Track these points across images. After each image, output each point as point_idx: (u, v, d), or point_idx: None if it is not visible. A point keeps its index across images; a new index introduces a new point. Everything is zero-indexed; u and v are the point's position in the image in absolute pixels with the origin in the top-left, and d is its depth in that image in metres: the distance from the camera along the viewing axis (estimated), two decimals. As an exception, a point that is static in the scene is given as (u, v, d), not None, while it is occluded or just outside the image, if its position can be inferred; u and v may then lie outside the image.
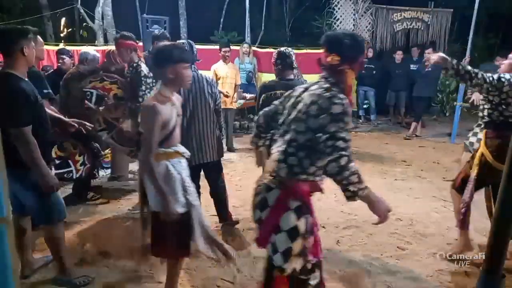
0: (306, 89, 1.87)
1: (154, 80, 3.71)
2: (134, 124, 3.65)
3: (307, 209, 1.83)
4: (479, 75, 2.77)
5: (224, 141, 5.57)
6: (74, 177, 3.76)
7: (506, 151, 2.76)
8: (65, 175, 3.72)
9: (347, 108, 1.68)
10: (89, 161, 3.86)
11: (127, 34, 3.74)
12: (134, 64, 3.65)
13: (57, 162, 3.64)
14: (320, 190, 1.89)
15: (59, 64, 4.71)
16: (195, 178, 3.43)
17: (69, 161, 3.74)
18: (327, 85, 1.77)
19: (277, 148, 1.87)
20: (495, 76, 2.80)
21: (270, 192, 1.84)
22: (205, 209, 3.46)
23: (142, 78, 3.59)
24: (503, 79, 2.77)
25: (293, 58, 3.26)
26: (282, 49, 3.32)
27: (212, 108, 3.23)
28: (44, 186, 2.35)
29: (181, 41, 3.39)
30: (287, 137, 1.82)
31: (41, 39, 2.98)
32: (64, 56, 4.51)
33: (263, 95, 3.28)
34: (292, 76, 3.29)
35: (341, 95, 1.71)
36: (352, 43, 1.77)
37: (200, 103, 3.14)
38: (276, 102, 2.11)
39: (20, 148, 2.25)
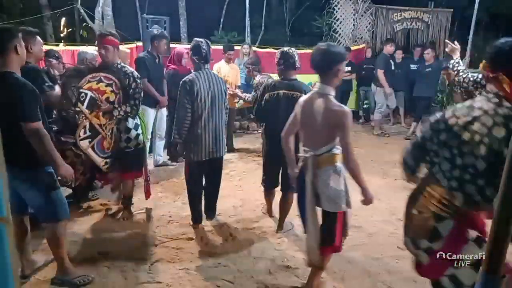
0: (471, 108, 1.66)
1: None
2: (124, 130, 3.49)
3: (485, 238, 1.67)
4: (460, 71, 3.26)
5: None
6: (73, 185, 3.58)
7: None
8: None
9: None
10: (88, 171, 3.83)
11: (114, 32, 3.58)
12: (119, 66, 3.42)
13: None
14: None
15: (45, 67, 4.65)
16: (206, 173, 3.50)
17: None
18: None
19: (440, 174, 1.68)
20: (470, 74, 3.20)
21: (441, 223, 1.66)
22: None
23: (137, 80, 3.44)
24: (469, 76, 3.17)
25: (296, 58, 3.26)
26: (285, 49, 3.33)
27: (224, 106, 3.39)
28: (61, 177, 2.42)
29: (199, 39, 3.32)
30: (459, 162, 1.62)
31: (40, 39, 2.96)
32: (51, 59, 4.37)
33: (266, 95, 3.28)
34: (295, 76, 3.29)
35: None
36: None
37: (217, 100, 3.27)
38: (421, 134, 1.86)
39: (35, 143, 2.26)
